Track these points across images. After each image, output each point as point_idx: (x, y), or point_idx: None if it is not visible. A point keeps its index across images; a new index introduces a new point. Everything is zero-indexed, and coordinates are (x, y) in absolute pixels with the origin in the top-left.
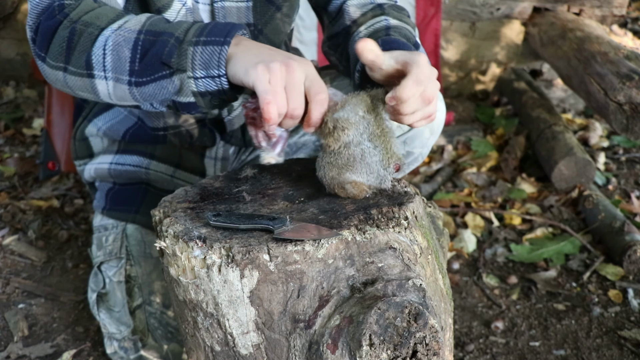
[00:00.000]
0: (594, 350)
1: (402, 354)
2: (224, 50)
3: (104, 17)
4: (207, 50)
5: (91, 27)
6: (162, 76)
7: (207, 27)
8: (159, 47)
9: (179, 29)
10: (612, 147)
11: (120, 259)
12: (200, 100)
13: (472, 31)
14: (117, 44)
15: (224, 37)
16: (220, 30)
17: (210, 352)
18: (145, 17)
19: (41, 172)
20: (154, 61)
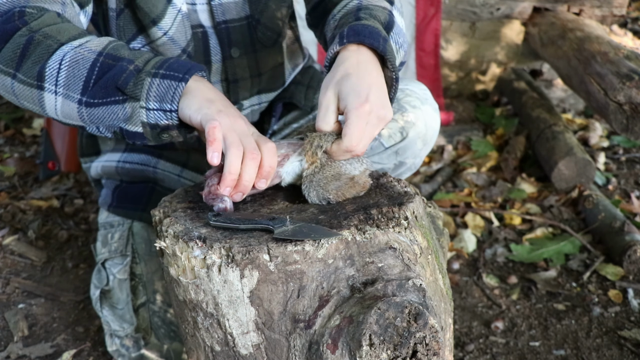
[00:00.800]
0: (594, 350)
1: (402, 354)
2: (181, 86)
3: (66, 33)
4: (164, 83)
5: (50, 40)
6: (115, 101)
7: (168, 61)
8: (117, 71)
9: (140, 58)
10: (612, 147)
11: (125, 257)
12: (148, 131)
13: (472, 31)
14: (75, 61)
15: (182, 74)
16: (181, 67)
17: (210, 352)
18: (108, 41)
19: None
20: (109, 84)
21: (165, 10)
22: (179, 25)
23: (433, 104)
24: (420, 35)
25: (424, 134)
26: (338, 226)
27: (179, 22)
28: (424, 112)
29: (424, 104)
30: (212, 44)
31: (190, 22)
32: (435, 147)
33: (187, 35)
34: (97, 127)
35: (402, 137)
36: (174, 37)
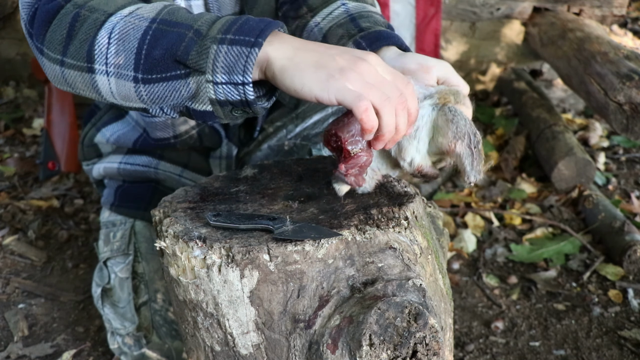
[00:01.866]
0: (594, 350)
1: (402, 354)
2: (254, 53)
3: (113, 3)
4: (233, 51)
5: (97, 13)
6: (175, 76)
7: (237, 22)
8: (174, 40)
9: (201, 20)
10: (612, 147)
11: (127, 256)
12: (219, 110)
13: (472, 31)
14: (125, 32)
15: (255, 37)
16: (252, 28)
17: (210, 352)
18: (163, 5)
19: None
20: (165, 57)
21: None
22: None
23: None
24: (420, 35)
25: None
26: (338, 226)
27: None
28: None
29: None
30: None
31: None
32: None
33: None
34: (160, 107)
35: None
36: None
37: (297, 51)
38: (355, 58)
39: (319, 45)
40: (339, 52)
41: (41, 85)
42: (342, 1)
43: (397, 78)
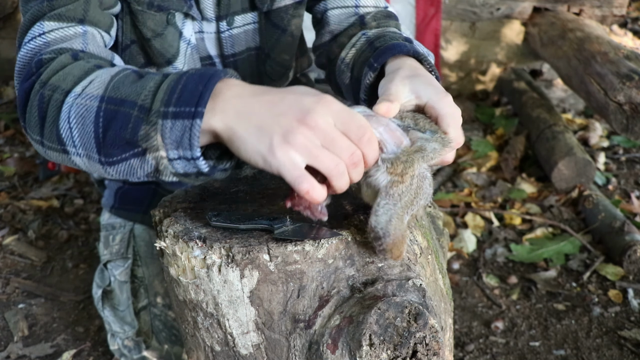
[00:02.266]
0: (594, 350)
1: (402, 354)
2: (195, 126)
3: (70, 78)
4: (177, 125)
5: (57, 92)
6: (133, 155)
7: (177, 88)
8: (121, 122)
9: (145, 91)
10: (612, 147)
11: (127, 259)
12: (184, 179)
13: (472, 31)
14: (81, 116)
15: (194, 107)
16: (191, 94)
17: (210, 352)
18: (111, 75)
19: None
20: (117, 139)
21: (179, 48)
22: (189, 59)
23: None
24: (420, 35)
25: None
26: (338, 226)
27: (189, 56)
28: None
29: None
30: None
31: (199, 54)
32: None
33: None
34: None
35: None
36: None
37: (239, 117)
38: (303, 114)
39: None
40: (286, 107)
41: None
42: (364, 31)
43: (350, 129)
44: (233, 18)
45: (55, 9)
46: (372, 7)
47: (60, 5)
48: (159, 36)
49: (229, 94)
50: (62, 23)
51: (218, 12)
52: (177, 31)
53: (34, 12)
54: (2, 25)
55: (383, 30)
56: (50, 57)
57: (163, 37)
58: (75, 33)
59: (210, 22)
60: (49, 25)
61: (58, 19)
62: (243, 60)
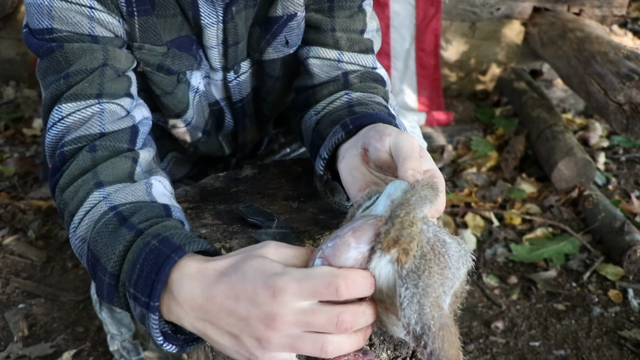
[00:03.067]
0: (594, 350)
1: (402, 354)
2: (151, 318)
3: (76, 200)
4: (138, 310)
5: (67, 211)
6: (121, 304)
7: (136, 266)
8: (99, 283)
9: (113, 257)
10: (612, 147)
11: None
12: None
13: (472, 31)
14: (78, 251)
15: (147, 298)
16: (145, 282)
17: (210, 352)
18: (97, 217)
19: (41, 172)
20: (101, 294)
21: (188, 101)
22: (197, 107)
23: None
24: (420, 35)
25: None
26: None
27: (197, 104)
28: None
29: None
30: (227, 119)
31: (207, 100)
32: (435, 147)
33: (205, 115)
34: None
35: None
36: (195, 124)
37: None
38: (265, 319)
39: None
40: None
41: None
42: (347, 91)
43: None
44: (240, 65)
45: (72, 86)
46: (358, 65)
47: (76, 82)
48: (169, 94)
49: (183, 284)
50: (79, 102)
51: (225, 63)
52: (185, 85)
53: (52, 91)
54: (2, 26)
55: (368, 97)
56: (70, 151)
57: (173, 95)
58: (92, 113)
59: (217, 72)
60: (67, 107)
61: (75, 99)
62: (248, 102)
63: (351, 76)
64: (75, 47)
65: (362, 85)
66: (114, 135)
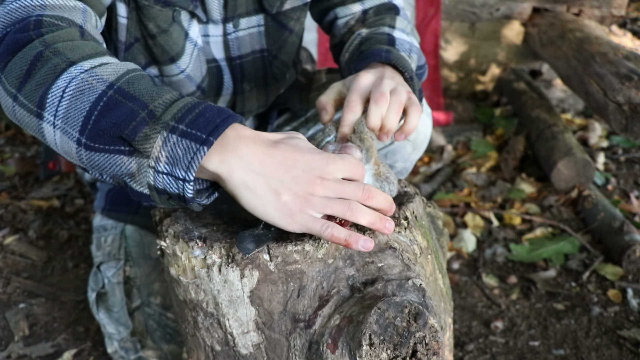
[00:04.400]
0: (593, 350)
1: (402, 353)
2: (202, 151)
3: (79, 51)
4: (182, 144)
5: (59, 58)
6: (118, 151)
7: (193, 110)
8: (125, 115)
9: (159, 100)
10: (612, 147)
11: (119, 260)
12: (155, 195)
13: (471, 31)
14: (80, 91)
15: (206, 134)
16: (207, 122)
17: (211, 352)
18: (126, 69)
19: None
20: (113, 130)
21: (184, 47)
22: (195, 60)
23: (425, 108)
24: (420, 35)
25: (414, 138)
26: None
27: (195, 57)
28: None
29: None
30: (225, 79)
31: (205, 57)
32: (435, 147)
33: (203, 71)
34: (99, 173)
35: (391, 140)
36: (190, 75)
37: (254, 174)
38: (315, 177)
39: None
40: (300, 170)
41: None
42: (359, 31)
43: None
44: (238, 20)
45: None
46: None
47: None
48: (164, 32)
49: (239, 142)
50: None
51: (225, 14)
52: (182, 30)
53: None
54: None
55: (374, 31)
56: (52, 22)
57: (168, 33)
58: (75, 6)
59: (217, 25)
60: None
61: None
62: (249, 62)
63: (369, 12)
64: None
65: (374, 19)
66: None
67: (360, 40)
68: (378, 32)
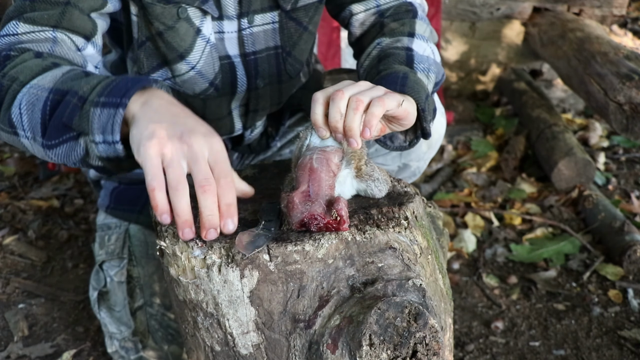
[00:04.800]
0: (593, 350)
1: (402, 354)
2: (119, 113)
3: (28, 71)
4: (104, 112)
5: (15, 83)
6: (69, 138)
7: (111, 84)
8: (63, 108)
9: (86, 86)
10: (612, 147)
11: (122, 259)
12: (108, 164)
13: (472, 31)
14: (30, 103)
15: (120, 98)
16: (120, 89)
17: (210, 352)
18: (62, 72)
19: (41, 172)
20: (57, 123)
21: (193, 43)
22: (207, 57)
23: (440, 108)
24: None
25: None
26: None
27: (207, 54)
28: None
29: None
30: (239, 75)
31: (218, 53)
32: None
33: (215, 68)
34: (73, 164)
35: None
36: (201, 71)
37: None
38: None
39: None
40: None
41: None
42: (379, 40)
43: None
44: (253, 17)
45: (35, 10)
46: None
47: (39, 9)
48: (170, 29)
49: (153, 98)
50: (35, 27)
51: (240, 9)
52: (191, 27)
53: (17, 7)
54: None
55: (392, 44)
56: (15, 54)
57: (175, 30)
58: (45, 38)
59: (231, 21)
60: (23, 27)
61: (32, 22)
62: (263, 59)
63: (387, 14)
64: None
65: (393, 25)
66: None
67: (378, 54)
68: (397, 46)
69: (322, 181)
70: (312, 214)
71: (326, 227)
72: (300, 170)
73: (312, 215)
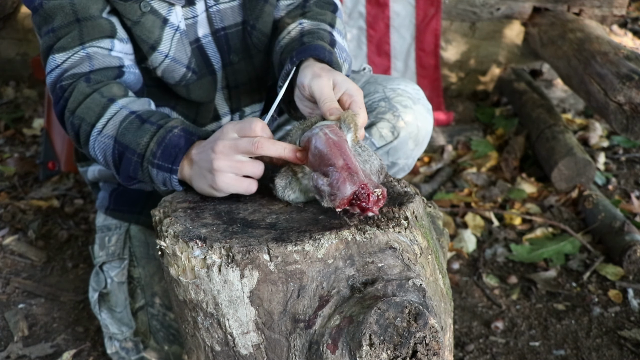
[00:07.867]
0: (594, 350)
1: (402, 354)
2: (173, 178)
3: (92, 113)
4: (160, 174)
5: (84, 124)
6: (138, 182)
7: (161, 145)
8: (126, 163)
9: (142, 142)
10: (612, 147)
11: (123, 260)
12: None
13: (472, 31)
14: (102, 149)
15: (171, 164)
16: (170, 155)
17: (210, 352)
18: (119, 121)
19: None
20: (126, 175)
21: (162, 33)
22: (178, 44)
23: (426, 104)
24: (420, 35)
25: (416, 134)
26: (338, 226)
27: (178, 40)
28: (415, 112)
29: (416, 104)
30: (210, 53)
31: (188, 39)
32: (435, 147)
33: (188, 52)
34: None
35: (394, 137)
36: (175, 57)
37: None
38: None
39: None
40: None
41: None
42: (301, 20)
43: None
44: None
45: (59, 38)
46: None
47: (62, 35)
48: (137, 24)
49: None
50: (67, 52)
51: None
52: (157, 18)
53: (46, 41)
54: (2, 26)
55: (316, 25)
56: (68, 83)
57: (141, 24)
58: (80, 57)
59: (199, 2)
60: (59, 57)
61: (63, 50)
62: (232, 34)
63: (309, 2)
64: (50, 4)
65: (316, 11)
66: (102, 71)
67: (301, 31)
68: (320, 27)
69: (350, 152)
70: (364, 183)
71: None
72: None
73: (364, 185)
